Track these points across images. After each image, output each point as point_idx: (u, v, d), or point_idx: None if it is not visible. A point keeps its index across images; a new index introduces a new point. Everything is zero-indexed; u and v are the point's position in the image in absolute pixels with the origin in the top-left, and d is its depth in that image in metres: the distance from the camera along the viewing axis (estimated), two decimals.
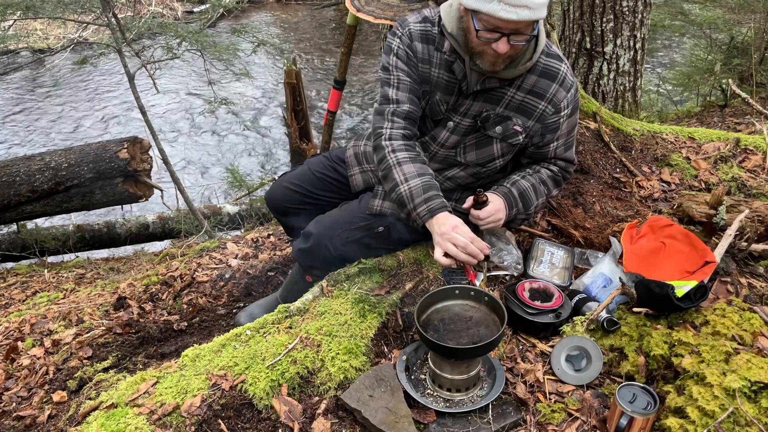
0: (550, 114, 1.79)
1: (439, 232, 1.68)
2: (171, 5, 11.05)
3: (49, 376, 2.00)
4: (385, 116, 1.82)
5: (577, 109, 1.88)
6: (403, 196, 1.74)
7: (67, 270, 3.74)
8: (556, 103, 1.78)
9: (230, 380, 1.55)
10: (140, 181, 3.97)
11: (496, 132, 1.81)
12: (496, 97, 1.78)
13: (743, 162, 2.60)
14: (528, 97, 1.78)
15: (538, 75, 1.77)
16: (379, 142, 1.82)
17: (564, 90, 1.78)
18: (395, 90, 1.81)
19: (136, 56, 4.28)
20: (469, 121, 1.82)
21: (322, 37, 10.48)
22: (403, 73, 1.81)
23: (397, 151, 1.78)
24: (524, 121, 1.80)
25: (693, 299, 1.63)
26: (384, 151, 1.80)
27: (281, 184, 2.14)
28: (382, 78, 1.85)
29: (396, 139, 1.80)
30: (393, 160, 1.77)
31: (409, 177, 1.73)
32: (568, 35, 3.61)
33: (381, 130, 1.82)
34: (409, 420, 1.46)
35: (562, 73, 1.78)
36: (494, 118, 1.80)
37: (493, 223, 1.79)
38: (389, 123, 1.81)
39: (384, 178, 1.81)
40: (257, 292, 2.60)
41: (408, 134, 1.82)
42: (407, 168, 1.75)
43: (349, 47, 3.31)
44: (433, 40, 1.80)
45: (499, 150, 1.85)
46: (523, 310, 1.76)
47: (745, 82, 5.04)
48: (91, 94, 8.32)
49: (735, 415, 1.32)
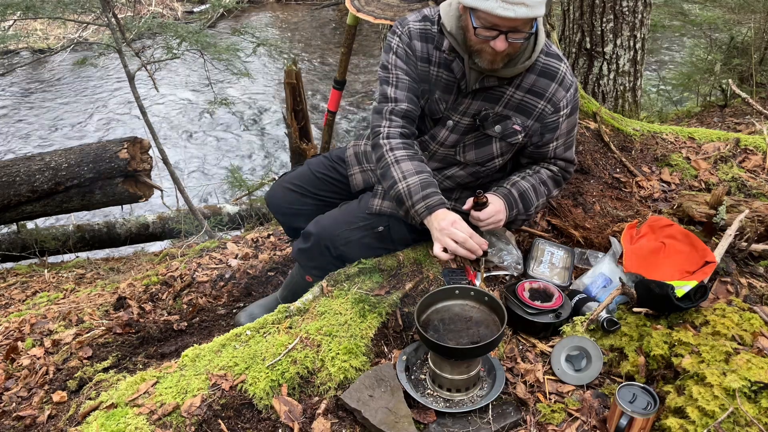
0: (550, 113, 1.79)
1: (437, 227, 1.68)
2: (171, 5, 11.05)
3: (49, 376, 2.00)
4: (383, 115, 1.82)
5: (577, 109, 1.88)
6: (402, 194, 1.74)
7: (67, 270, 3.75)
8: (556, 102, 1.78)
9: (230, 380, 1.55)
10: (140, 181, 3.97)
11: (495, 131, 1.81)
12: (495, 96, 1.79)
13: (743, 162, 2.60)
14: (527, 97, 1.78)
15: (537, 74, 1.77)
16: (377, 141, 1.82)
17: (563, 89, 1.78)
18: (394, 88, 1.82)
19: (136, 56, 4.28)
20: (468, 120, 1.82)
21: (322, 37, 10.48)
22: (402, 71, 1.82)
23: (395, 150, 1.79)
24: (523, 121, 1.80)
25: (693, 299, 1.63)
26: (382, 149, 1.80)
27: (281, 185, 2.14)
28: (382, 76, 1.86)
29: (394, 138, 1.81)
30: (391, 158, 1.78)
31: (407, 175, 1.74)
32: (568, 35, 3.61)
33: (379, 129, 1.83)
34: (409, 420, 1.46)
35: (562, 72, 1.78)
36: (493, 117, 1.80)
37: (494, 224, 1.79)
38: (387, 122, 1.82)
39: (382, 176, 1.82)
40: (257, 292, 2.60)
41: (406, 133, 1.83)
42: (405, 166, 1.76)
43: (349, 47, 3.31)
44: (432, 38, 1.80)
45: (499, 149, 1.85)
46: (523, 310, 1.76)
47: (745, 82, 5.04)
48: (91, 94, 8.32)
49: (735, 415, 1.32)
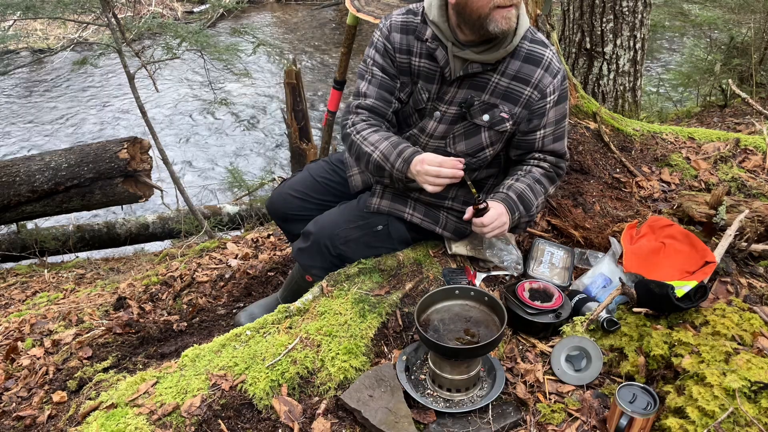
0: (537, 100, 1.80)
1: (415, 173, 1.73)
2: (171, 5, 11.05)
3: (49, 376, 2.00)
4: (351, 109, 1.91)
5: (566, 99, 1.87)
6: (379, 160, 1.79)
7: (67, 270, 3.74)
8: (542, 88, 1.79)
9: (230, 380, 1.55)
10: (140, 181, 3.98)
11: (484, 120, 1.82)
12: (480, 84, 1.79)
13: (743, 162, 2.60)
14: (513, 83, 1.79)
15: (522, 60, 1.77)
16: (345, 131, 1.91)
17: (550, 75, 1.79)
18: (367, 84, 1.89)
19: (136, 56, 4.28)
20: (455, 109, 1.83)
21: (322, 37, 10.48)
22: (377, 67, 1.87)
23: (361, 131, 1.86)
24: (511, 108, 1.81)
25: (693, 299, 1.63)
26: (350, 137, 1.88)
27: (282, 191, 2.14)
28: (360, 70, 1.93)
29: (359, 124, 1.88)
30: (359, 138, 1.84)
31: (377, 143, 1.80)
32: (568, 35, 3.61)
33: (347, 122, 1.91)
34: (409, 420, 1.46)
35: (547, 58, 1.78)
36: (480, 105, 1.80)
37: (499, 228, 1.76)
38: (354, 115, 1.90)
39: (357, 158, 1.88)
40: (257, 292, 2.60)
41: (372, 123, 1.89)
42: (372, 138, 1.82)
43: (349, 47, 3.31)
44: (413, 30, 1.83)
45: (488, 138, 1.85)
46: (523, 310, 1.76)
47: (745, 82, 5.04)
48: (91, 94, 8.32)
49: (735, 415, 1.32)
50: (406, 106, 1.90)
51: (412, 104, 1.89)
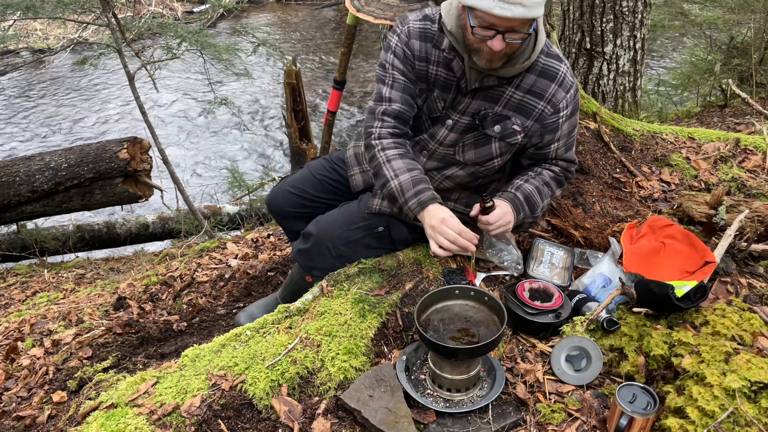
0: (549, 114, 1.79)
1: (429, 224, 1.71)
2: (171, 5, 11.05)
3: (49, 376, 2.00)
4: (376, 115, 1.85)
5: (577, 110, 1.88)
6: (394, 191, 1.76)
7: (66, 270, 3.75)
8: (555, 103, 1.78)
9: (230, 380, 1.55)
10: (140, 181, 3.97)
11: (495, 131, 1.81)
12: (494, 96, 1.79)
13: (743, 162, 2.60)
14: (527, 97, 1.78)
15: (537, 75, 1.77)
16: (369, 141, 1.85)
17: (563, 90, 1.78)
18: (389, 89, 1.84)
19: (136, 56, 4.28)
20: (467, 119, 1.82)
21: (322, 37, 10.48)
22: (398, 71, 1.83)
23: (387, 149, 1.81)
24: (523, 121, 1.80)
25: (693, 299, 1.63)
26: (374, 149, 1.83)
27: (282, 189, 2.14)
28: (379, 75, 1.88)
29: (385, 138, 1.83)
30: (383, 157, 1.80)
31: (399, 172, 1.77)
32: (568, 35, 3.61)
33: (371, 129, 1.85)
34: (409, 420, 1.46)
35: (562, 73, 1.78)
36: (493, 117, 1.80)
37: (503, 227, 1.78)
38: (379, 122, 1.84)
39: (375, 175, 1.85)
40: (257, 292, 2.60)
41: (397, 133, 1.85)
42: (396, 164, 1.78)
43: (349, 47, 3.31)
44: (431, 37, 1.80)
45: (498, 149, 1.85)
46: (523, 310, 1.76)
47: (745, 82, 5.04)
48: (91, 94, 8.33)
49: (735, 415, 1.32)
50: (419, 112, 1.89)
51: (426, 111, 1.87)
